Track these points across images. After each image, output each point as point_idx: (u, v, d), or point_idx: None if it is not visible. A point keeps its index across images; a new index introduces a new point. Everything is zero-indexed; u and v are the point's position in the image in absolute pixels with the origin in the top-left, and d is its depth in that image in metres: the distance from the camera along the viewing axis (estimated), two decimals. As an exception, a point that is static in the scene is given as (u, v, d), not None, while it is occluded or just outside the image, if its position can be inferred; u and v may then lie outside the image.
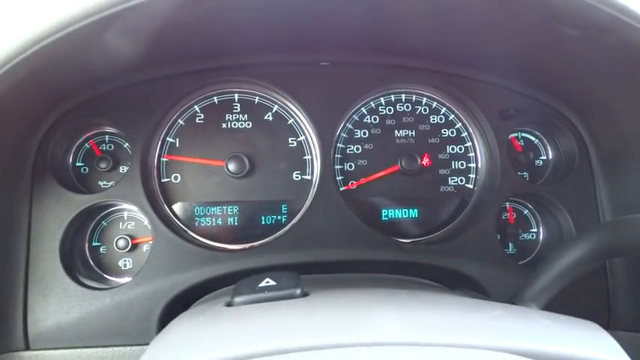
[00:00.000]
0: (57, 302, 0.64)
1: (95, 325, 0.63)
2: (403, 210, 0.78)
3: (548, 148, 0.80)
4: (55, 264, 0.65)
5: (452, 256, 0.72)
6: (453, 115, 0.80)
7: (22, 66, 0.46)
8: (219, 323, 0.41)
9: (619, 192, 0.71)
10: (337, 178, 0.76)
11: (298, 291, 0.46)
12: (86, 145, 0.74)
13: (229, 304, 0.46)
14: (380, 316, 0.40)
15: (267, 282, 0.47)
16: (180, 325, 0.44)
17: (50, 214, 0.66)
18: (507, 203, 0.79)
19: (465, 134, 0.79)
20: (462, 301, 0.48)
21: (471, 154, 0.79)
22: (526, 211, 0.80)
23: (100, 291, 0.66)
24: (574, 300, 0.49)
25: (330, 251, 0.69)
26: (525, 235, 0.79)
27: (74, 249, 0.69)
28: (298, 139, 0.77)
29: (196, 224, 0.74)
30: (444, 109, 0.80)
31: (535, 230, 0.79)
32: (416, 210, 0.78)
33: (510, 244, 0.79)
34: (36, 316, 0.63)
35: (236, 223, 0.75)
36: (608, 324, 0.70)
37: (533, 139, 0.81)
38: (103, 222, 0.72)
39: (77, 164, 0.73)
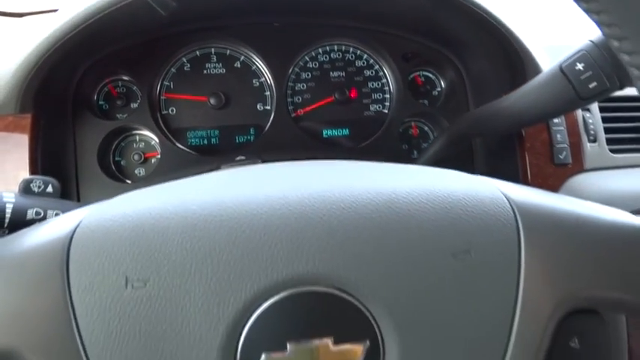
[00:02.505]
0: (100, 193, 0.92)
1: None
2: (338, 129, 1.07)
3: (441, 81, 1.10)
4: (97, 169, 0.92)
5: (373, 156, 1.02)
6: (372, 60, 1.09)
7: (81, 33, 0.74)
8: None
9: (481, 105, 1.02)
10: (289, 108, 1.04)
11: (260, 160, 0.76)
12: (105, 88, 1.01)
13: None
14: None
15: (240, 158, 0.77)
16: None
17: (88, 135, 0.94)
18: (412, 122, 1.10)
19: (381, 73, 1.09)
20: None
21: (386, 88, 1.09)
22: (426, 128, 1.10)
23: (129, 184, 0.95)
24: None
25: (285, 156, 0.99)
26: (425, 145, 1.10)
27: (105, 161, 0.98)
28: (260, 80, 1.05)
29: (189, 143, 1.02)
30: (366, 55, 1.09)
31: (432, 140, 1.10)
32: (347, 129, 1.07)
33: (415, 151, 1.09)
34: (87, 202, 0.92)
35: (217, 142, 1.03)
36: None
37: (430, 75, 1.11)
38: (122, 143, 1.00)
39: (99, 102, 1.01)
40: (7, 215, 0.51)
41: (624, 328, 0.85)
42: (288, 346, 0.37)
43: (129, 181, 0.98)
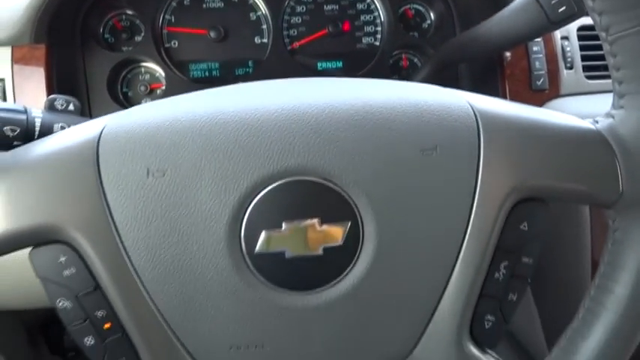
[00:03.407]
0: (109, 120, 0.99)
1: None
2: (331, 62, 1.13)
3: (430, 13, 1.15)
4: (107, 98, 0.99)
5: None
6: (364, -7, 1.14)
7: None
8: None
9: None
10: (285, 41, 1.10)
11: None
12: (110, 22, 1.06)
13: None
14: None
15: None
16: None
17: (97, 66, 1.00)
18: (403, 54, 1.15)
19: (373, 6, 1.13)
20: None
21: (378, 21, 1.13)
22: (416, 59, 1.16)
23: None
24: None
25: None
26: (415, 75, 1.16)
27: (113, 91, 1.04)
28: (257, 14, 1.09)
29: (191, 75, 1.08)
30: (358, -11, 1.14)
31: (419, 69, 1.16)
32: (340, 61, 1.13)
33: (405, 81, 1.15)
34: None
35: (218, 75, 1.09)
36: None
37: (421, 8, 1.15)
38: (128, 75, 1.06)
39: (105, 36, 1.06)
40: (37, 129, 0.58)
41: (586, 225, 0.93)
42: (283, 225, 0.45)
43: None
